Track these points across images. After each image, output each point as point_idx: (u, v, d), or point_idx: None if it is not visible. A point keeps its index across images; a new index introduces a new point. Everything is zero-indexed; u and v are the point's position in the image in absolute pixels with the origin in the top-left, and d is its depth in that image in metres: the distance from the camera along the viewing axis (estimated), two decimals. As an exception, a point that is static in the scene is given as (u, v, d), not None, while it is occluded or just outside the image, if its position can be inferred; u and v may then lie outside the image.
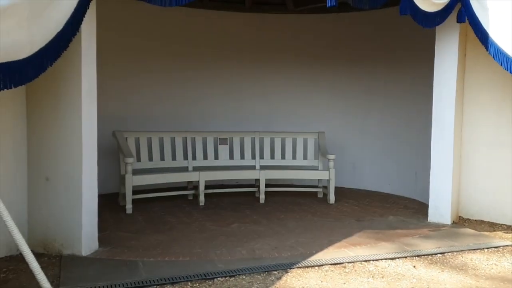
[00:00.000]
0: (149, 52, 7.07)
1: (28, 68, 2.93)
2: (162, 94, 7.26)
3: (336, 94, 7.73)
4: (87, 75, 3.85)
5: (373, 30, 7.25)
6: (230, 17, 7.52)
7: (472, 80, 5.45)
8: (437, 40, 5.26)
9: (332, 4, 4.05)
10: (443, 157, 5.31)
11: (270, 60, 7.73)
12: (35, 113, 3.99)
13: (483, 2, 4.78)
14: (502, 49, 4.64)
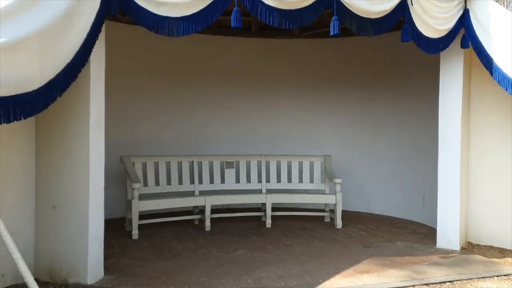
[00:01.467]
0: (156, 76, 7.16)
1: (37, 99, 2.98)
2: (169, 118, 7.31)
3: (342, 117, 7.75)
4: (96, 103, 3.90)
5: (378, 53, 7.30)
6: (237, 42, 7.61)
7: (478, 105, 5.45)
8: (442, 65, 5.28)
9: (335, 33, 4.10)
10: (450, 181, 5.28)
11: (277, 83, 7.79)
12: (44, 141, 4.03)
13: (486, 28, 4.81)
14: (506, 74, 4.65)
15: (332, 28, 4.13)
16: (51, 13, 3.05)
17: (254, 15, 4.11)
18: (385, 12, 4.38)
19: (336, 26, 4.11)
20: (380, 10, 4.33)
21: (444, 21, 4.81)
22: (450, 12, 4.84)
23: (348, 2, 4.18)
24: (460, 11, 4.96)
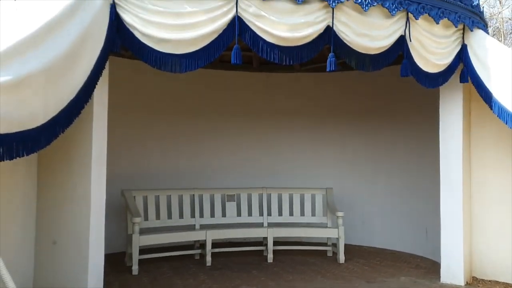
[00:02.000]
0: (157, 109, 7.21)
1: (41, 136, 3.00)
2: (170, 151, 7.33)
3: (343, 150, 7.76)
4: (98, 139, 3.93)
5: (378, 86, 7.37)
6: (239, 76, 7.70)
7: (479, 138, 5.47)
8: (441, 99, 5.33)
9: (331, 69, 4.17)
10: (453, 215, 5.25)
11: (278, 116, 7.84)
12: (46, 176, 4.04)
13: (484, 62, 4.89)
14: (506, 108, 4.68)
15: (328, 64, 4.20)
16: (56, 51, 3.11)
17: (255, 51, 4.19)
18: (383, 48, 4.46)
19: (333, 63, 4.20)
20: (379, 46, 4.41)
21: (442, 56, 4.89)
22: (448, 47, 4.92)
23: (347, 39, 4.25)
24: (458, 46, 5.05)
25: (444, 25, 4.77)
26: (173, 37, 3.87)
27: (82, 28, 3.36)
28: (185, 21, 3.90)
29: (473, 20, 5.04)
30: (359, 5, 4.17)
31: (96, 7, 3.53)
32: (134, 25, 3.78)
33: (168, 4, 3.82)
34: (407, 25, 4.49)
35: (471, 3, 5.07)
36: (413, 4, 4.43)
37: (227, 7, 3.96)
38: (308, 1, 4.07)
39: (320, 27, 4.19)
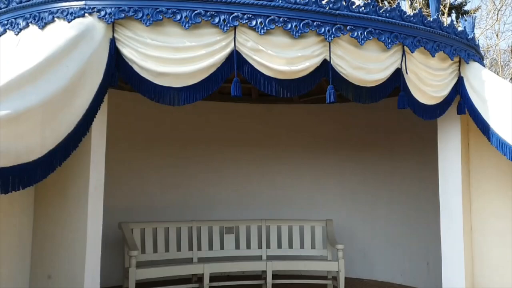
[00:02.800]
0: (156, 141, 7.24)
1: (37, 169, 2.99)
2: (168, 182, 7.31)
3: (343, 181, 7.75)
4: (95, 171, 3.92)
5: (377, 117, 7.42)
6: (237, 107, 7.76)
7: (478, 169, 5.45)
8: (439, 131, 5.35)
9: (331, 101, 4.19)
10: (454, 247, 5.18)
11: (277, 148, 7.86)
12: (42, 208, 4.01)
13: (481, 94, 4.92)
14: (504, 140, 4.68)
15: (328, 96, 4.22)
16: (55, 85, 3.13)
17: (253, 85, 4.23)
18: (380, 81, 4.50)
19: (332, 95, 4.22)
20: (375, 79, 4.45)
21: (439, 88, 4.92)
22: (444, 79, 4.97)
23: (343, 72, 4.30)
24: (455, 78, 5.09)
25: (440, 58, 4.83)
26: (171, 71, 3.91)
27: (81, 62, 3.40)
28: (184, 55, 3.94)
29: (468, 53, 5.11)
30: (355, 39, 4.22)
31: (96, 42, 3.58)
32: (133, 59, 3.82)
33: (167, 39, 3.87)
34: (403, 58, 4.53)
35: (466, 37, 5.15)
36: (408, 38, 4.49)
37: (226, 41, 4.01)
38: (305, 36, 4.12)
39: (317, 61, 4.24)
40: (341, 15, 4.16)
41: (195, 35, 3.93)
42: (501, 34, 22.04)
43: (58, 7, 3.77)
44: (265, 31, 4.00)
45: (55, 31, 3.68)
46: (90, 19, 3.70)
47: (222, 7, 3.91)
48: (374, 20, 4.28)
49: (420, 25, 4.56)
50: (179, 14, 3.82)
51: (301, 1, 4.06)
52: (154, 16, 3.77)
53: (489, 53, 23.36)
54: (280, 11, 4.02)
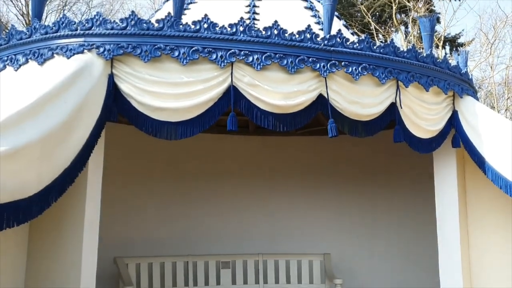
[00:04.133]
0: (152, 174, 7.22)
1: (33, 206, 2.98)
2: (164, 215, 7.25)
3: (341, 213, 7.71)
4: (91, 206, 3.89)
5: (373, 149, 7.43)
6: (234, 140, 7.78)
7: (475, 202, 5.43)
8: (435, 164, 5.37)
9: (333, 135, 4.22)
10: (453, 280, 5.12)
11: (274, 179, 7.84)
12: (36, 243, 3.95)
13: (476, 128, 4.96)
14: (500, 173, 4.69)
15: (329, 131, 4.25)
16: (53, 121, 3.16)
17: (250, 119, 4.27)
18: (375, 115, 4.55)
19: (334, 129, 4.24)
20: (370, 113, 4.50)
21: (434, 122, 4.97)
22: (439, 113, 5.02)
23: (339, 106, 4.35)
24: (449, 112, 5.15)
25: (434, 92, 4.89)
26: (169, 106, 3.95)
27: (80, 98, 3.44)
28: (182, 91, 4.00)
29: (462, 87, 5.18)
30: (350, 74, 4.29)
31: (94, 78, 3.64)
32: (131, 94, 3.87)
33: (165, 75, 3.93)
34: (397, 93, 4.59)
35: (459, 71, 5.23)
36: (402, 73, 4.56)
37: (223, 77, 4.07)
38: (301, 71, 4.19)
39: (312, 95, 4.29)
40: (335, 51, 4.24)
41: (193, 71, 4.00)
42: (495, 67, 22.40)
43: (58, 44, 3.84)
44: (262, 66, 4.07)
45: (54, 67, 3.73)
46: (89, 55, 3.77)
47: (220, 44, 3.99)
48: (368, 56, 4.35)
49: (414, 61, 4.64)
50: (177, 51, 3.89)
51: (296, 38, 4.15)
52: (152, 53, 3.84)
53: (484, 85, 23.68)
54: (276, 48, 4.10)
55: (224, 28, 4.02)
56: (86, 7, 25.35)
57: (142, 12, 26.40)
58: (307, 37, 4.18)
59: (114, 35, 3.83)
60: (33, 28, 3.97)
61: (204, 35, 3.96)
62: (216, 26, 4.01)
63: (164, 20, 3.92)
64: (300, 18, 5.48)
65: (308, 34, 4.19)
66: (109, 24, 3.86)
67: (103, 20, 3.87)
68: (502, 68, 22.61)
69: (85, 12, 25.21)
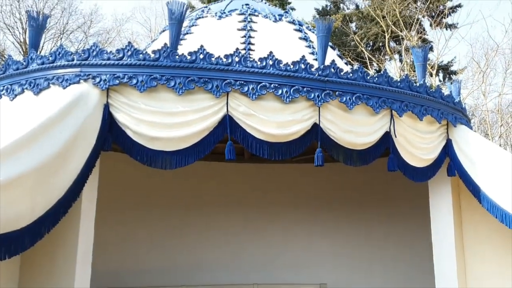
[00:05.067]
0: (146, 203, 7.16)
1: (25, 237, 2.95)
2: (158, 244, 7.17)
3: (337, 243, 7.64)
4: (84, 236, 3.85)
5: (370, 177, 7.41)
6: (230, 167, 7.76)
7: (471, 232, 5.41)
8: (431, 192, 5.36)
9: (319, 164, 4.25)
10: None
11: (269, 207, 7.79)
12: (27, 275, 3.88)
13: (470, 157, 4.98)
14: (495, 202, 4.69)
15: (316, 159, 4.29)
16: (48, 151, 3.15)
17: (245, 147, 4.28)
18: (370, 144, 4.56)
19: (320, 158, 4.28)
20: (364, 142, 4.52)
21: (428, 151, 4.99)
22: (433, 142, 5.04)
23: (333, 135, 4.37)
24: (443, 141, 5.17)
25: (428, 121, 4.93)
26: (164, 135, 3.96)
27: (75, 128, 3.45)
28: (177, 120, 4.01)
29: (455, 116, 5.23)
30: (344, 104, 4.33)
31: (90, 108, 3.65)
32: (126, 124, 3.88)
33: (160, 104, 3.95)
34: (391, 122, 4.63)
35: (452, 100, 5.29)
36: (396, 103, 4.61)
37: (218, 106, 4.10)
38: (296, 101, 4.23)
39: (307, 124, 4.32)
40: (330, 81, 4.29)
41: (188, 101, 4.02)
42: (487, 94, 22.67)
43: (54, 74, 3.87)
44: (257, 96, 4.11)
45: (49, 97, 3.75)
46: (85, 85, 3.79)
47: (215, 74, 4.03)
48: (362, 85, 4.40)
49: (407, 90, 4.69)
50: (173, 81, 3.93)
51: (291, 68, 4.20)
52: (148, 83, 3.87)
53: (477, 112, 23.92)
54: (271, 78, 4.15)
55: (220, 58, 4.07)
56: (83, 35, 25.67)
57: (139, 39, 26.79)
58: (302, 67, 4.24)
59: (111, 65, 3.87)
60: (29, 58, 4.00)
61: (200, 66, 4.00)
62: (212, 56, 4.06)
63: (161, 50, 3.96)
64: (295, 48, 5.57)
65: (302, 64, 4.24)
66: (106, 54, 3.90)
67: (99, 50, 3.91)
68: (494, 96, 22.92)
69: (82, 40, 25.52)
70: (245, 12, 6.06)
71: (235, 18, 5.97)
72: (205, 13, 6.19)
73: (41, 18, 4.34)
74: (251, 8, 6.17)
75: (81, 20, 25.53)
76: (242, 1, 6.46)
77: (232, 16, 6.02)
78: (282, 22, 6.20)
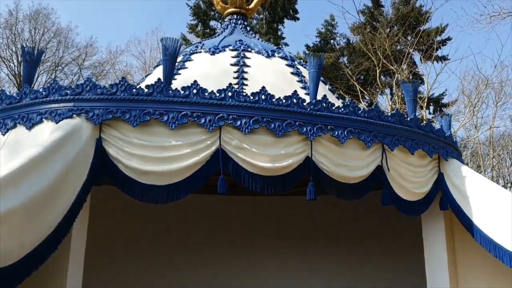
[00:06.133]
0: (137, 237, 7.06)
1: (12, 275, 2.89)
2: (149, 277, 7.04)
3: (330, 279, 7.53)
4: (73, 273, 3.77)
5: (364, 210, 7.36)
6: (222, 200, 7.70)
7: (465, 266, 5.35)
8: (424, 227, 5.34)
9: (311, 198, 4.25)
10: None
11: (263, 240, 7.71)
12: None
13: (462, 191, 4.98)
14: (488, 236, 4.68)
15: (308, 193, 4.29)
16: (38, 187, 3.12)
17: (238, 181, 4.27)
18: (362, 178, 4.57)
19: (312, 192, 4.28)
20: (357, 176, 4.53)
21: (420, 184, 5.00)
22: (425, 176, 5.06)
23: (326, 169, 4.38)
24: (435, 174, 5.19)
25: (419, 155, 4.96)
26: (156, 169, 3.94)
27: (66, 163, 3.42)
28: (169, 154, 4.01)
29: (447, 150, 5.27)
30: (336, 138, 4.36)
31: (82, 142, 3.65)
32: (118, 158, 3.87)
33: (153, 139, 3.96)
34: (383, 156, 4.65)
35: (443, 134, 5.34)
36: (387, 137, 4.64)
37: (211, 140, 4.11)
38: (288, 134, 4.26)
39: (300, 158, 4.34)
40: (321, 116, 4.33)
41: (181, 135, 4.04)
42: (479, 126, 22.93)
43: (47, 108, 3.88)
44: (250, 130, 4.14)
45: (42, 131, 3.75)
46: (78, 119, 3.80)
47: (208, 108, 4.06)
48: (353, 120, 4.45)
49: (398, 125, 4.74)
50: (166, 116, 3.95)
51: (283, 103, 4.25)
52: (141, 117, 3.89)
53: (469, 145, 24.11)
54: (264, 112, 4.19)
55: (213, 93, 4.11)
56: (77, 68, 25.88)
57: (133, 71, 27.02)
58: (294, 102, 4.29)
59: (104, 100, 3.89)
60: (23, 93, 4.02)
61: (193, 100, 4.04)
62: (205, 91, 4.10)
63: (154, 85, 4.00)
64: (287, 83, 5.64)
65: (294, 99, 4.29)
66: (99, 89, 3.93)
67: (93, 85, 3.94)
68: (485, 129, 23.17)
69: (77, 73, 25.72)
70: (238, 48, 6.16)
71: (229, 53, 6.06)
72: (199, 49, 6.28)
73: (36, 53, 4.38)
74: (244, 44, 6.28)
75: (76, 53, 25.82)
76: (235, 37, 6.58)
77: (226, 51, 6.11)
78: (274, 58, 6.30)
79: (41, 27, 24.70)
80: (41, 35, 24.63)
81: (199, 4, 23.73)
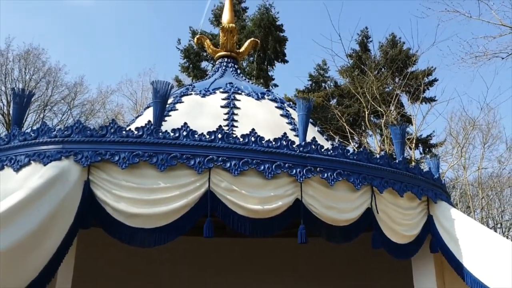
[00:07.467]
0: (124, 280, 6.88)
1: (-8, 322, 2.80)
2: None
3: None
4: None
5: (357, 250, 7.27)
6: (211, 242, 7.56)
7: (457, 309, 5.30)
8: (414, 269, 5.29)
9: (303, 241, 4.21)
10: None
11: (254, 282, 7.56)
12: None
13: (452, 233, 4.97)
14: (478, 279, 4.64)
15: (299, 236, 4.25)
16: (24, 230, 3.08)
17: (227, 224, 4.23)
18: (352, 220, 4.55)
19: (303, 235, 4.25)
20: (347, 218, 4.51)
21: (410, 227, 4.98)
22: (414, 218, 5.05)
23: (315, 211, 4.36)
24: (425, 217, 5.18)
25: (408, 198, 4.97)
26: (144, 212, 3.90)
27: (53, 205, 3.39)
28: (158, 196, 3.98)
29: (435, 192, 5.29)
30: (325, 180, 4.37)
31: (70, 184, 3.62)
32: (106, 201, 3.83)
33: (142, 181, 3.93)
34: (372, 198, 4.66)
35: (432, 177, 5.37)
36: (376, 179, 4.66)
37: (200, 182, 4.10)
38: (277, 176, 4.26)
39: (289, 200, 4.32)
40: (311, 158, 4.36)
41: (170, 177, 4.02)
42: (468, 167, 23.11)
43: (36, 150, 3.87)
44: (239, 172, 4.13)
45: (29, 173, 3.72)
46: (66, 162, 3.78)
47: (198, 150, 4.07)
48: (342, 162, 4.48)
49: (387, 167, 4.77)
50: (155, 157, 3.95)
51: (273, 145, 4.27)
52: (130, 159, 3.88)
53: (458, 185, 24.23)
54: (253, 154, 4.21)
55: (203, 135, 4.13)
56: (67, 107, 25.90)
57: (124, 111, 27.12)
58: (284, 144, 4.32)
59: (93, 142, 3.89)
60: (11, 135, 4.01)
61: (183, 142, 4.05)
62: (195, 133, 4.12)
63: (144, 127, 4.02)
64: (277, 125, 5.69)
65: (284, 141, 4.33)
66: (89, 131, 3.93)
67: (82, 127, 3.94)
68: (474, 170, 23.36)
69: (66, 112, 25.72)
70: (228, 90, 6.24)
71: (219, 96, 6.13)
72: (189, 91, 6.36)
73: (26, 95, 4.40)
74: (234, 87, 6.37)
75: (66, 92, 25.91)
76: (226, 80, 6.68)
77: (216, 94, 6.19)
78: (264, 100, 6.37)
79: (32, 67, 24.89)
80: (31, 75, 24.79)
81: (190, 46, 24.18)
